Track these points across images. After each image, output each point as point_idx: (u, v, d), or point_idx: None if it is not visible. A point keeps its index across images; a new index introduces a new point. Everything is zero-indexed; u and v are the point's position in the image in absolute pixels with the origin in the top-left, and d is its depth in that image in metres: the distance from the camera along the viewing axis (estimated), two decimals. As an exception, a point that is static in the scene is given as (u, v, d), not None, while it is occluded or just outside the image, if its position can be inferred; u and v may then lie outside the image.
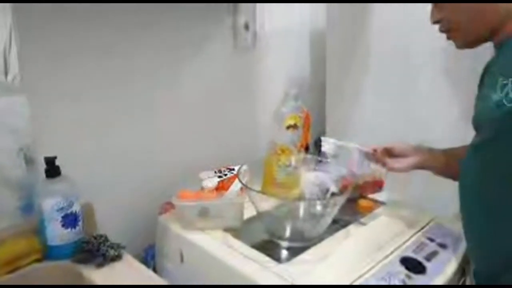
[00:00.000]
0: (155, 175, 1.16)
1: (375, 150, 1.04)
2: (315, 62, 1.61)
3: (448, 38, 0.85)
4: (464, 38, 0.83)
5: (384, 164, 1.01)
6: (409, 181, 1.06)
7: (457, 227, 0.91)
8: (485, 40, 0.81)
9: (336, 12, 1.47)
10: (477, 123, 0.81)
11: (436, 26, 0.85)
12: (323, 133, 1.59)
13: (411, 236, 1.00)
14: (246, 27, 1.33)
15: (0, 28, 0.86)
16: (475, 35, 0.81)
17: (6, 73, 0.88)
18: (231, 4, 1.28)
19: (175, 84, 1.20)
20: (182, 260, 1.00)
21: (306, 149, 1.32)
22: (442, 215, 1.07)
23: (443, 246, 0.97)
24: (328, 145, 1.10)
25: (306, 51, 1.60)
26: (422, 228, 1.03)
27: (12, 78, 0.88)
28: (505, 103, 0.70)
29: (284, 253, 0.94)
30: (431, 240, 0.99)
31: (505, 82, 0.71)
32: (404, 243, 0.97)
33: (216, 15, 1.26)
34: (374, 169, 1.05)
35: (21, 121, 0.91)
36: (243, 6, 1.30)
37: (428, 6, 0.85)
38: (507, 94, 0.70)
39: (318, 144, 1.61)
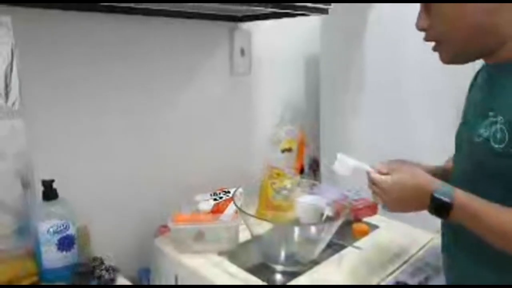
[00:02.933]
0: (151, 197, 1.17)
1: None
2: (309, 87, 1.64)
3: (434, 49, 0.75)
4: (453, 53, 0.73)
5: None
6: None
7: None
8: (476, 58, 0.74)
9: (329, 38, 1.51)
10: (459, 145, 0.80)
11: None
12: (318, 156, 1.61)
13: (406, 260, 1.00)
14: (242, 52, 1.36)
15: (2, 52, 0.88)
16: (466, 52, 0.72)
17: (7, 97, 0.89)
18: (227, 30, 1.32)
19: (172, 108, 1.22)
20: (177, 283, 1.00)
21: (301, 172, 1.34)
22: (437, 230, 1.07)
23: (438, 270, 0.97)
24: (342, 166, 0.90)
25: (300, 76, 1.64)
26: (417, 252, 1.04)
27: (13, 102, 0.90)
28: (493, 143, 0.67)
29: (279, 277, 0.94)
30: (426, 263, 1.00)
31: (494, 119, 0.67)
32: (399, 267, 0.97)
33: (212, 41, 1.29)
34: None
35: (19, 144, 0.92)
36: (239, 32, 1.34)
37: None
38: (495, 133, 0.67)
39: (313, 167, 1.63)
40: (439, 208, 0.70)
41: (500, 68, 0.71)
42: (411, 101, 1.30)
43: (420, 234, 1.11)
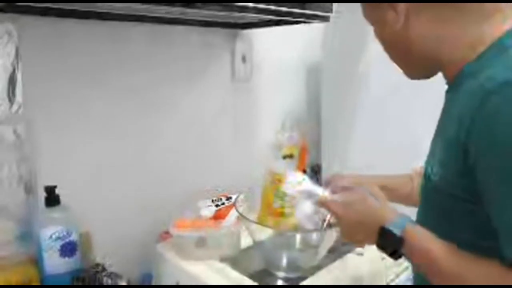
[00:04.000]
0: (153, 203, 1.17)
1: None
2: (310, 93, 1.65)
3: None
4: (406, 71, 0.73)
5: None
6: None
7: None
8: (430, 75, 0.71)
9: (331, 44, 1.52)
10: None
11: None
12: (319, 162, 1.61)
13: (408, 267, 1.00)
14: (243, 59, 1.37)
15: (6, 59, 0.89)
16: (412, 71, 0.72)
17: (11, 103, 0.90)
18: (228, 37, 1.33)
19: (173, 114, 1.23)
20: (178, 289, 1.00)
21: (303, 178, 1.34)
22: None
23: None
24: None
25: (302, 82, 1.64)
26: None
27: (16, 108, 0.91)
28: (431, 176, 0.64)
29: (281, 284, 0.94)
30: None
31: (430, 159, 0.66)
32: (401, 273, 0.97)
33: (214, 48, 1.30)
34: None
35: (22, 150, 0.93)
36: (240, 39, 1.35)
37: None
38: (432, 168, 0.64)
39: (314, 171, 1.63)
40: (388, 242, 0.66)
41: (448, 88, 0.68)
42: (413, 109, 1.30)
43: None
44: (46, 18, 0.93)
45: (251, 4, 0.90)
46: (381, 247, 0.68)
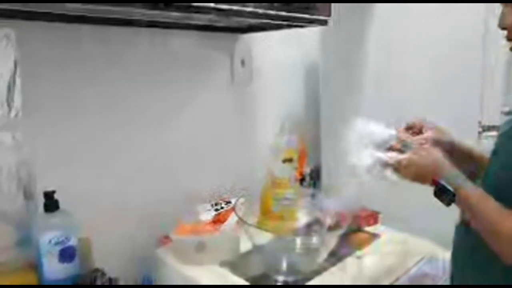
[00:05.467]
0: (153, 208, 1.16)
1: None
2: (309, 96, 1.65)
3: None
4: None
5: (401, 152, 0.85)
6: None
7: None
8: None
9: (329, 47, 1.52)
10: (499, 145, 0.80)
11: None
12: (319, 165, 1.61)
13: (408, 270, 1.00)
14: (243, 63, 1.37)
15: (5, 64, 0.89)
16: None
17: (10, 109, 0.90)
18: (227, 41, 1.33)
19: (172, 119, 1.22)
20: (178, 294, 1.00)
21: (302, 181, 1.34)
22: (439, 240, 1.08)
23: (438, 279, 0.97)
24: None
25: (301, 85, 1.65)
26: (418, 262, 1.04)
27: (15, 114, 0.91)
28: None
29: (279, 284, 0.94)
30: (427, 273, 1.00)
31: None
32: (400, 277, 0.97)
33: (213, 52, 1.30)
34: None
35: (21, 155, 0.93)
36: (239, 43, 1.35)
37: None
38: None
39: (313, 176, 1.63)
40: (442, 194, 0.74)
41: None
42: (413, 110, 1.30)
43: (421, 244, 1.11)
44: (44, 23, 0.92)
45: (249, 9, 0.90)
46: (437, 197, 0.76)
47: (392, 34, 1.31)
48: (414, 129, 0.94)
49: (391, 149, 0.85)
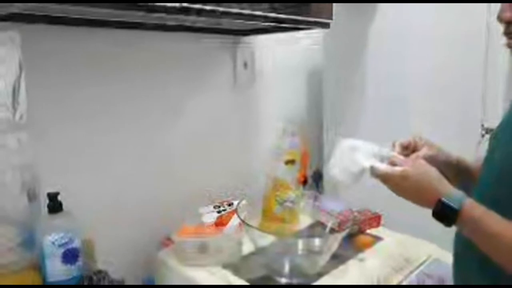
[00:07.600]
0: (155, 210, 1.17)
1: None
2: (312, 98, 1.66)
3: (509, 45, 0.74)
4: None
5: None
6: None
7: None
8: None
9: (332, 49, 1.52)
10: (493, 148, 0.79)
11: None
12: (321, 167, 1.61)
13: (410, 273, 1.00)
14: (245, 65, 1.38)
15: (10, 67, 0.90)
16: None
17: (14, 111, 0.91)
18: (230, 44, 1.33)
19: (175, 121, 1.23)
20: (181, 296, 1.00)
21: (304, 183, 1.34)
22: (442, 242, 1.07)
23: (441, 281, 0.97)
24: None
25: (303, 87, 1.65)
26: (421, 264, 1.04)
27: (20, 116, 0.91)
28: None
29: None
30: (430, 276, 0.99)
31: None
32: (402, 280, 0.97)
33: (216, 54, 1.31)
34: None
35: (25, 157, 0.93)
36: (242, 45, 1.36)
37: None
38: None
39: (316, 178, 1.63)
40: (444, 214, 0.70)
41: None
42: (414, 113, 1.30)
43: (424, 246, 1.11)
44: (48, 26, 0.93)
45: (248, 11, 0.91)
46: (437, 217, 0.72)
47: (394, 36, 1.31)
48: (409, 149, 0.90)
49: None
